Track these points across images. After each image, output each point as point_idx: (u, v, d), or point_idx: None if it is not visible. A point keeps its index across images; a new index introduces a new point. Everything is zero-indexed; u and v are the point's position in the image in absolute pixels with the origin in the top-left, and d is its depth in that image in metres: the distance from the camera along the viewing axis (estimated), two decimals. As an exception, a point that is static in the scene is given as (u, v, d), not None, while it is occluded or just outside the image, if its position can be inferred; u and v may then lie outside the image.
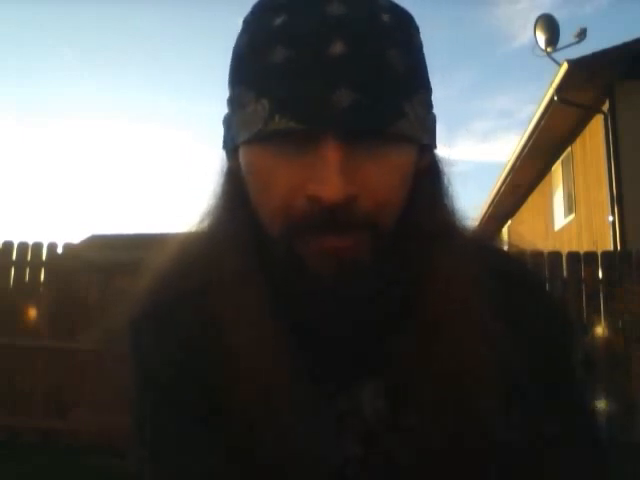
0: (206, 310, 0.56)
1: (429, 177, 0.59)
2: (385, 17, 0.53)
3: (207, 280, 0.57)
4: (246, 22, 0.57)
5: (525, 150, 8.96)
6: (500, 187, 10.91)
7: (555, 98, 7.26)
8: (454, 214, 0.61)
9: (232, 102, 0.57)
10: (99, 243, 5.36)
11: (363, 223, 0.51)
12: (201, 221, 0.62)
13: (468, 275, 0.57)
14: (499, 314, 0.56)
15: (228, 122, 0.58)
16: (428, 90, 0.57)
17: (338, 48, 0.49)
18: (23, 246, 5.10)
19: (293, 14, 0.52)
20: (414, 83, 0.54)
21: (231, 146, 0.58)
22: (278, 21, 0.52)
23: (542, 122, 7.96)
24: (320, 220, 0.50)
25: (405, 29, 0.55)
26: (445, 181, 0.61)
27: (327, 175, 0.49)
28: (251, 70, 0.53)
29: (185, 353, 0.56)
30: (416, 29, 0.58)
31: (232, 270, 0.56)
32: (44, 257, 5.08)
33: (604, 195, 7.26)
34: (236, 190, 0.58)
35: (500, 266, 0.61)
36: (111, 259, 4.83)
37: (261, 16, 0.55)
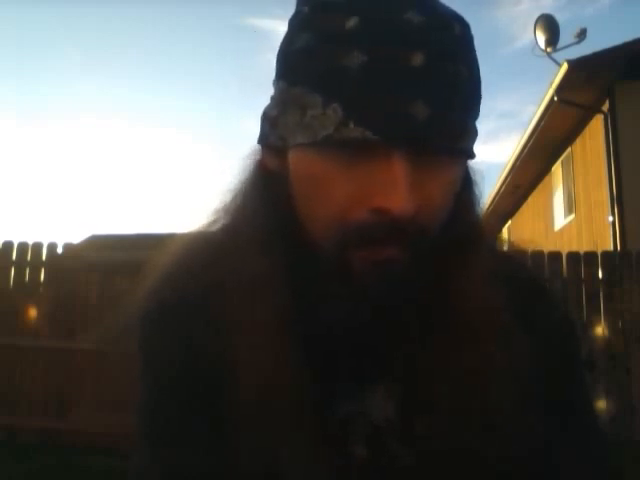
0: (215, 309, 0.55)
1: (465, 186, 0.58)
2: (457, 28, 0.51)
3: (219, 279, 0.56)
4: (303, 19, 0.54)
5: (525, 150, 8.96)
6: (500, 187, 10.91)
7: (555, 98, 7.26)
8: (482, 222, 0.61)
9: (285, 101, 0.53)
10: (99, 243, 5.35)
11: (417, 235, 0.50)
12: (217, 218, 0.61)
13: (489, 282, 0.57)
14: (514, 320, 0.56)
15: (274, 120, 0.55)
16: (481, 101, 0.55)
17: (418, 60, 0.48)
18: (23, 246, 5.10)
19: (368, 18, 0.49)
20: (477, 97, 0.53)
21: (279, 145, 0.55)
22: (351, 24, 0.49)
23: (542, 122, 7.96)
24: (384, 232, 0.49)
25: (468, 39, 0.53)
26: (477, 190, 0.60)
27: (397, 189, 0.48)
28: (318, 71, 0.50)
29: (191, 353, 0.56)
30: (473, 37, 0.55)
31: (250, 271, 0.55)
32: (44, 257, 5.08)
33: (604, 195, 7.26)
34: (271, 189, 0.56)
35: (508, 271, 0.61)
36: (111, 259, 4.83)
37: (327, 15, 0.51)
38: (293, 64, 0.53)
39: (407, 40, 0.48)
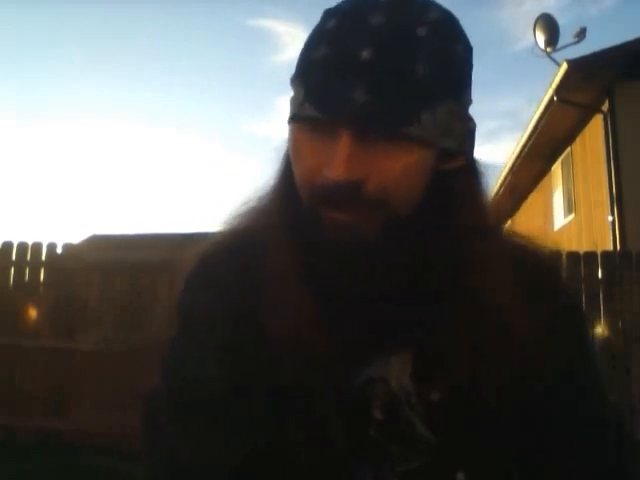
0: (249, 269, 0.64)
1: (460, 177, 0.65)
2: (421, 31, 0.58)
3: (253, 243, 0.66)
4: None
5: (525, 150, 8.96)
6: (500, 187, 10.91)
7: (555, 98, 7.26)
8: (483, 210, 0.67)
9: (291, 86, 0.65)
10: (99, 243, 5.36)
11: (370, 203, 0.58)
12: (262, 193, 0.70)
13: (497, 259, 0.64)
14: (525, 297, 0.62)
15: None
16: (461, 101, 0.62)
17: (366, 54, 0.56)
18: (23, 246, 5.10)
19: (342, 20, 0.60)
20: (439, 94, 0.58)
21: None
22: (329, 25, 0.60)
23: (542, 122, 7.96)
24: (331, 196, 0.58)
25: (442, 43, 0.59)
26: (477, 181, 0.67)
27: (335, 160, 0.56)
28: (300, 63, 0.62)
29: (224, 304, 0.64)
30: (460, 42, 0.62)
31: (271, 237, 0.65)
32: (44, 257, 5.08)
33: (604, 195, 7.26)
34: (287, 163, 0.67)
35: (515, 254, 0.67)
36: (111, 259, 4.83)
37: (321, 20, 0.63)
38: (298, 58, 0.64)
39: (360, 37, 0.57)
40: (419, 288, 0.62)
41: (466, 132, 0.64)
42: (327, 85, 0.57)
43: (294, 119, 0.61)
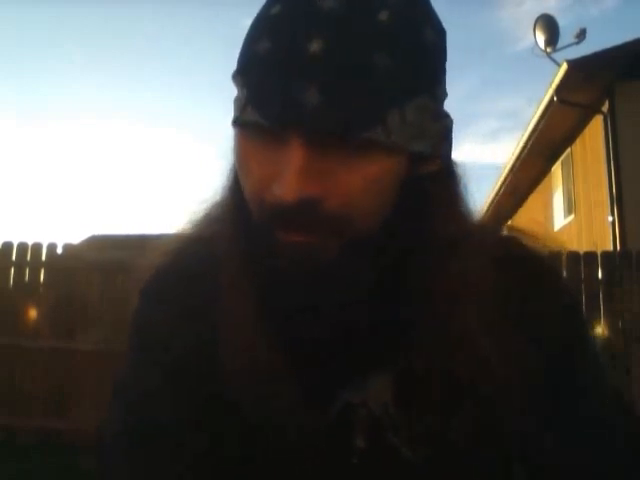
0: (204, 287, 0.58)
1: (436, 182, 0.57)
2: (383, 15, 0.48)
3: (207, 258, 0.59)
4: None
5: (525, 151, 8.96)
6: (500, 188, 10.92)
7: (555, 98, 7.26)
8: (464, 216, 0.60)
9: (233, 84, 0.56)
10: (99, 243, 5.36)
11: (328, 224, 0.50)
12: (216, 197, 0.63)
13: (474, 275, 0.57)
14: (510, 310, 0.57)
15: None
16: (435, 96, 0.53)
17: (315, 46, 0.46)
18: (23, 246, 5.10)
19: (287, 6, 0.50)
20: (408, 89, 0.50)
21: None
22: (272, 11, 0.51)
23: (542, 122, 7.96)
24: (282, 217, 0.50)
25: (409, 27, 0.50)
26: (455, 185, 0.60)
27: (285, 176, 0.48)
28: (242, 56, 0.53)
29: (179, 321, 0.59)
30: (431, 26, 0.53)
31: (224, 248, 0.58)
32: (44, 257, 5.09)
33: (604, 195, 7.26)
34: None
35: (504, 258, 0.61)
36: (111, 259, 4.83)
37: (264, 4, 0.53)
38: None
39: (308, 26, 0.47)
40: (391, 304, 0.55)
41: (442, 131, 0.55)
42: (272, 84, 0.48)
43: (237, 123, 0.52)
